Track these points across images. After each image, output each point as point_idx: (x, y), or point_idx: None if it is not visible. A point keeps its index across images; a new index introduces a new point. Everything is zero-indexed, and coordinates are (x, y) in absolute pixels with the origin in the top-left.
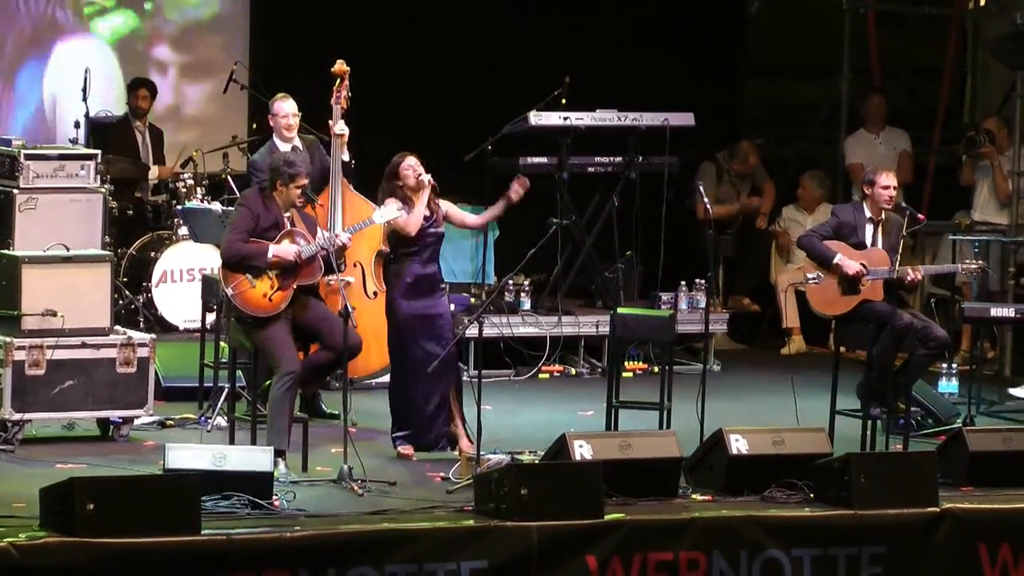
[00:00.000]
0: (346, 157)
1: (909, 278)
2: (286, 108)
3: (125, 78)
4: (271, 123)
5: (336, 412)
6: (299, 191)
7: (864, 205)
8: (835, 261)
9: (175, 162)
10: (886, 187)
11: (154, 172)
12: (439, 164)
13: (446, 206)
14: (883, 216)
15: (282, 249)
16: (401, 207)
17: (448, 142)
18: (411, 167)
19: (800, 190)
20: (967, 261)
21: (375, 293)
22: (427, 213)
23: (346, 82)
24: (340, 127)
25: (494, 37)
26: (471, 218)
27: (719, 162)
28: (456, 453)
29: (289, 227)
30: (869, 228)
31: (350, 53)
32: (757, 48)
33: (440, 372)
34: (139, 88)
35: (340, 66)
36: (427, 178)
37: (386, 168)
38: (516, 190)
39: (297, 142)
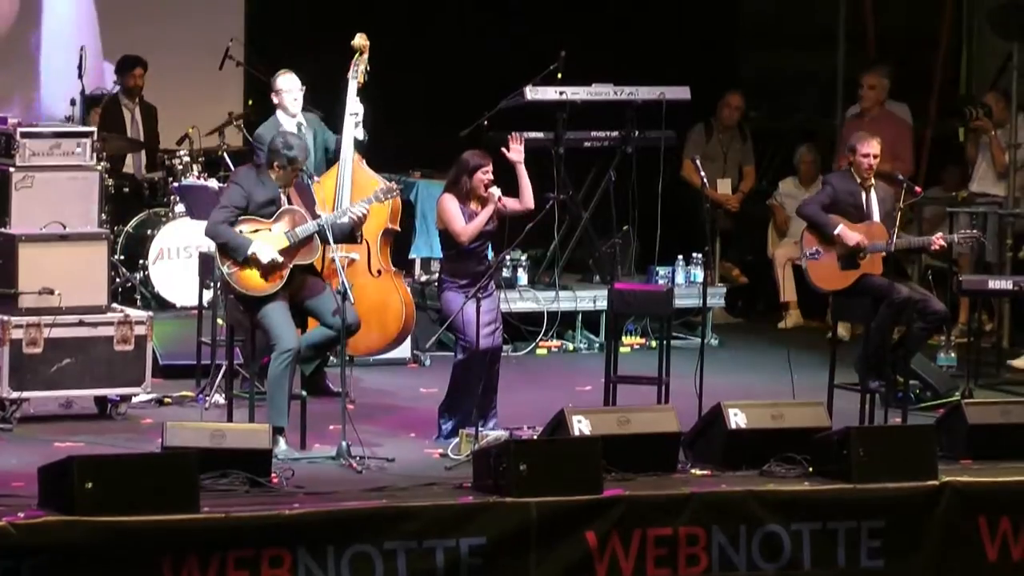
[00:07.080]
0: (360, 135)
1: (935, 247)
2: (289, 83)
3: (115, 54)
4: (274, 99)
5: None
6: (294, 175)
7: (852, 172)
8: (836, 232)
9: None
10: (866, 155)
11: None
12: (435, 139)
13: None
14: (872, 182)
15: (261, 250)
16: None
17: (444, 117)
18: (488, 175)
19: (802, 164)
20: (963, 231)
21: (379, 272)
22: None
23: (365, 56)
24: (354, 106)
25: (490, 11)
26: (512, 202)
27: (708, 121)
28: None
29: (287, 203)
30: (863, 194)
31: (343, 29)
32: (753, 19)
33: (488, 357)
34: (135, 67)
35: (360, 39)
36: (497, 193)
37: (460, 159)
38: (516, 149)
39: (301, 118)
